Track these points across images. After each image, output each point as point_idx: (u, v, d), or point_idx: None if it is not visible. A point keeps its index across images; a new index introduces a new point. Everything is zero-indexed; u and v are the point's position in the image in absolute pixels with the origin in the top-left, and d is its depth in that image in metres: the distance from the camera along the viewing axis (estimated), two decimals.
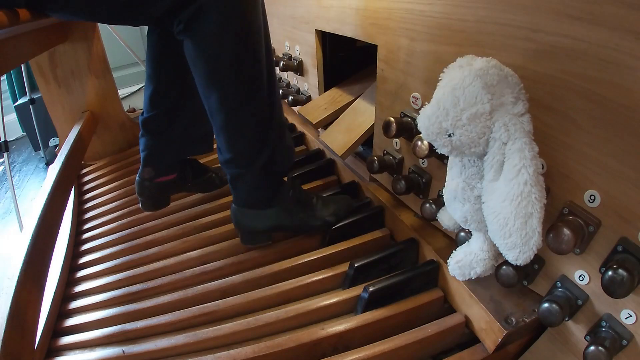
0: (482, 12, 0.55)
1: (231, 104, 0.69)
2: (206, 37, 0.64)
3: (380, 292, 0.67)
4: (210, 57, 0.65)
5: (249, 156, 0.74)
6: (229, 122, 0.71)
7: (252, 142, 0.73)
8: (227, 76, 0.67)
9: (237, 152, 0.74)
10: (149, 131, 0.90)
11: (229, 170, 0.77)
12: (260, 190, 0.79)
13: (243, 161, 0.75)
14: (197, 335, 0.68)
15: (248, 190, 0.78)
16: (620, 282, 0.43)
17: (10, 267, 0.70)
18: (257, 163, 0.75)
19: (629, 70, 0.41)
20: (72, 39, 1.33)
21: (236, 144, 0.73)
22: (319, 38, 1.04)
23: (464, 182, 0.54)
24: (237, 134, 0.73)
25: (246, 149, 0.74)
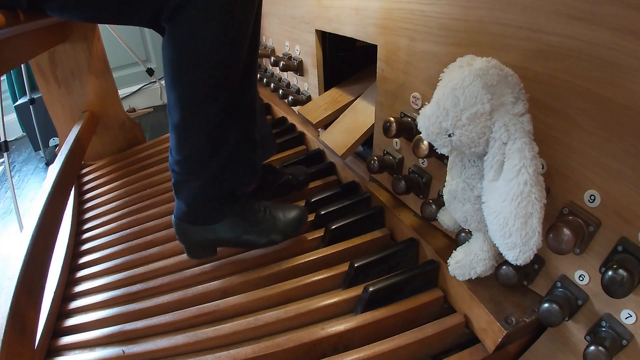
0: (482, 12, 0.55)
1: (191, 103, 0.64)
2: (183, 28, 0.59)
3: (380, 292, 0.67)
4: (182, 51, 0.61)
5: (198, 161, 0.69)
6: (181, 123, 0.66)
7: (200, 151, 0.68)
8: (192, 72, 0.62)
9: (186, 155, 0.69)
10: None
11: (174, 174, 0.72)
12: (204, 203, 0.73)
13: (191, 165, 0.70)
14: (197, 335, 0.68)
15: (189, 199, 0.73)
16: (620, 282, 0.43)
17: (10, 267, 0.70)
18: (205, 170, 0.69)
19: (629, 70, 0.41)
20: (72, 39, 1.33)
21: (184, 148, 0.68)
22: (319, 38, 1.04)
23: (464, 182, 0.54)
24: (187, 139, 0.67)
25: (193, 156, 0.69)
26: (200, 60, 0.61)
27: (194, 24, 0.58)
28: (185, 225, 0.75)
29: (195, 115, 0.65)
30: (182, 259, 0.87)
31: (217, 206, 0.74)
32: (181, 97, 0.64)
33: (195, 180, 0.71)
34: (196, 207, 0.73)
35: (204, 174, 0.70)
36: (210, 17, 0.58)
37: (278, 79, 1.38)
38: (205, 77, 0.62)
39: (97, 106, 1.45)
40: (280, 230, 0.79)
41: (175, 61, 0.62)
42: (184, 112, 0.65)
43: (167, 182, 1.19)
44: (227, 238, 0.76)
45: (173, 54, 0.61)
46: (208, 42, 0.60)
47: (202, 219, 0.75)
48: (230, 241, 0.77)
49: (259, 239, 0.78)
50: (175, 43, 0.61)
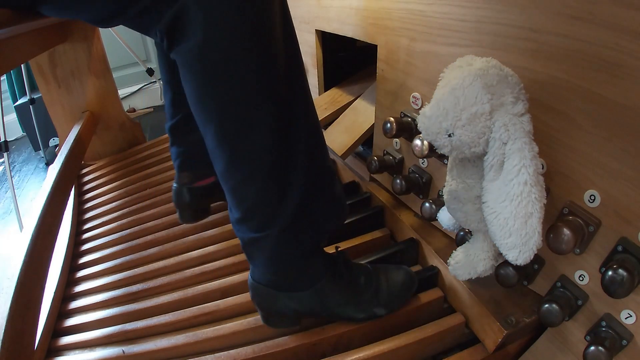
0: (482, 12, 0.55)
1: (232, 141, 0.50)
2: (191, 51, 0.47)
3: None
4: (200, 77, 0.48)
5: (264, 213, 0.54)
6: (231, 165, 0.52)
7: (265, 196, 0.53)
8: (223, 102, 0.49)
9: (246, 209, 0.54)
10: (177, 137, 0.85)
11: (241, 234, 0.57)
12: (282, 264, 0.58)
13: (255, 221, 0.55)
14: (197, 335, 0.68)
15: (267, 262, 0.58)
16: (620, 282, 0.43)
17: (10, 267, 0.70)
18: (276, 223, 0.54)
19: (628, 70, 0.41)
20: (72, 39, 1.32)
21: (244, 198, 0.53)
22: (319, 38, 1.04)
23: (464, 182, 0.54)
24: (244, 184, 0.53)
25: (258, 204, 0.53)
26: (227, 78, 0.48)
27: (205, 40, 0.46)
28: (264, 289, 0.60)
29: (243, 151, 0.51)
30: (182, 259, 0.87)
31: (307, 268, 0.59)
32: (220, 134, 0.50)
33: (268, 236, 0.55)
34: (277, 270, 0.58)
35: (276, 225, 0.54)
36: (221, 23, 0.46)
37: None
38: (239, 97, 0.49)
39: (97, 106, 1.45)
40: (385, 303, 0.63)
41: (200, 91, 0.49)
42: (228, 152, 0.51)
43: (167, 182, 1.20)
44: (317, 309, 0.61)
45: (194, 89, 0.50)
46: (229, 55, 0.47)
47: (286, 284, 0.59)
48: (320, 313, 0.62)
49: (358, 313, 0.62)
50: (190, 70, 0.49)
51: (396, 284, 0.64)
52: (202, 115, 0.51)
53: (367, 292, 0.63)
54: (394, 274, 0.65)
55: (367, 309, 0.63)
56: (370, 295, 0.62)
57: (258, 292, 0.61)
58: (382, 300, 0.63)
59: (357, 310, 0.62)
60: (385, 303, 0.63)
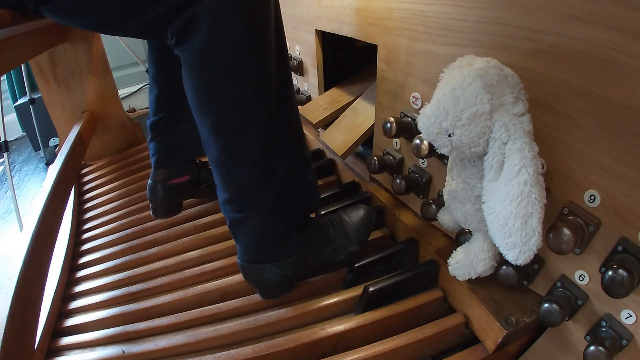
0: (482, 12, 0.55)
1: (227, 133, 0.57)
2: (196, 52, 0.53)
3: (380, 292, 0.67)
4: (201, 76, 0.55)
5: (250, 196, 0.61)
6: (223, 154, 0.59)
7: (252, 181, 0.60)
8: (221, 100, 0.56)
9: (235, 190, 0.61)
10: (157, 134, 0.87)
11: (228, 214, 0.64)
12: (269, 239, 0.64)
13: (243, 202, 0.62)
14: (197, 335, 0.68)
15: (251, 239, 0.65)
16: (620, 282, 0.43)
17: (10, 267, 0.70)
18: (260, 205, 0.61)
19: (629, 70, 0.41)
20: (72, 39, 1.33)
21: (234, 181, 0.61)
22: (319, 38, 1.04)
23: (464, 182, 0.54)
24: (235, 169, 0.60)
25: (246, 187, 0.61)
26: (226, 78, 0.54)
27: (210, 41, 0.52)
28: (255, 266, 0.67)
29: (235, 142, 0.58)
30: (182, 259, 0.87)
31: (286, 239, 0.66)
32: (215, 128, 0.57)
33: (252, 218, 0.62)
34: (261, 246, 0.65)
35: (260, 208, 0.62)
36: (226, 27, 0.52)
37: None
38: (236, 95, 0.56)
39: (97, 106, 1.45)
40: (355, 239, 0.72)
41: (200, 87, 0.55)
42: (221, 144, 0.58)
43: None
44: (303, 269, 0.69)
45: (195, 82, 0.55)
46: (231, 56, 0.53)
47: (272, 255, 0.66)
48: (308, 270, 0.70)
49: (337, 256, 0.71)
50: (194, 68, 0.55)
51: (359, 221, 0.74)
52: (200, 108, 0.57)
53: (338, 237, 0.71)
54: (352, 212, 0.75)
55: (344, 251, 0.71)
56: (340, 240, 0.71)
57: (247, 270, 0.68)
58: (352, 239, 0.72)
59: (337, 255, 0.71)
60: (356, 239, 0.72)
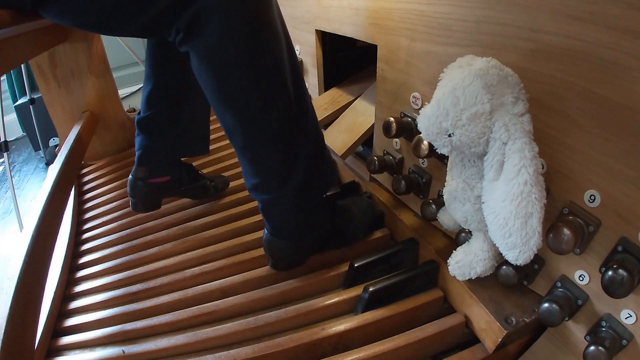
0: (482, 12, 0.55)
1: (250, 120, 0.60)
2: (210, 47, 0.55)
3: (380, 292, 0.67)
4: (218, 69, 0.57)
5: (280, 178, 0.65)
6: (250, 141, 0.62)
7: (282, 161, 0.64)
8: (241, 89, 0.58)
9: (265, 175, 0.65)
10: (144, 131, 0.87)
11: (260, 197, 0.69)
12: (297, 216, 0.70)
13: (273, 184, 0.66)
14: (197, 335, 0.68)
15: (283, 217, 0.70)
16: (620, 282, 0.43)
17: (10, 267, 0.70)
18: (290, 184, 0.66)
19: (629, 70, 0.41)
20: (72, 39, 1.32)
21: (263, 166, 0.65)
22: (319, 38, 1.04)
23: (464, 182, 0.54)
24: (262, 154, 0.64)
25: (275, 170, 0.65)
26: (242, 70, 0.57)
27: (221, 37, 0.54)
28: (279, 241, 0.73)
29: (258, 130, 0.62)
30: (182, 258, 0.87)
31: (311, 217, 0.72)
32: (237, 119, 0.61)
33: (283, 198, 0.67)
34: (290, 222, 0.71)
35: (290, 187, 0.66)
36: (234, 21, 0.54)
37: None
38: (254, 85, 0.58)
39: (97, 106, 1.45)
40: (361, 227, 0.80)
41: (217, 81, 0.58)
42: (246, 131, 0.62)
43: None
44: (321, 245, 0.77)
45: (211, 77, 0.58)
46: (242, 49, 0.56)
47: (297, 232, 0.72)
48: (323, 248, 0.78)
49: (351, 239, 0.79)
50: (208, 64, 0.57)
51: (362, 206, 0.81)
52: (220, 101, 0.60)
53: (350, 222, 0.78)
54: (357, 201, 0.82)
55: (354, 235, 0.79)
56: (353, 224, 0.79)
57: (272, 243, 0.73)
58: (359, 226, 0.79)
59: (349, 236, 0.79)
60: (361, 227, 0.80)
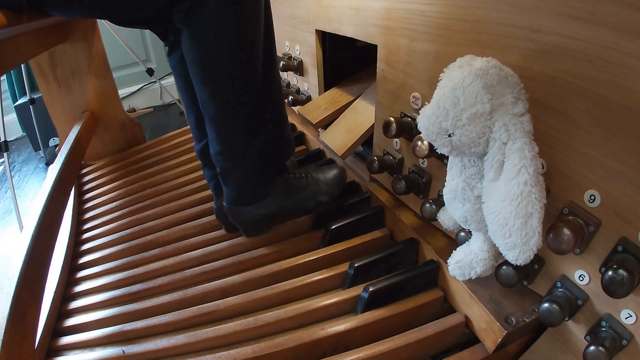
0: (482, 12, 0.55)
1: (223, 98, 0.69)
2: (202, 29, 0.63)
3: (380, 292, 0.67)
4: (205, 50, 0.65)
5: (240, 148, 0.74)
6: (219, 114, 0.70)
7: (243, 134, 0.73)
8: (221, 70, 0.66)
9: (227, 144, 0.73)
10: (208, 160, 0.83)
11: (219, 164, 0.77)
12: (251, 184, 0.79)
13: (234, 153, 0.74)
14: (197, 335, 0.68)
15: (238, 184, 0.78)
16: (620, 282, 0.43)
17: (10, 267, 0.70)
18: (247, 155, 0.75)
19: (629, 70, 0.41)
20: (72, 39, 1.32)
21: (226, 136, 0.73)
22: (319, 38, 1.04)
23: (464, 182, 0.54)
24: (228, 126, 0.72)
25: (236, 141, 0.73)
26: (227, 56, 0.65)
27: (212, 23, 0.62)
28: (239, 208, 0.81)
29: (231, 108, 0.70)
30: (182, 259, 0.87)
31: (265, 183, 0.80)
32: (214, 93, 0.68)
33: (240, 165, 0.75)
34: (245, 189, 0.79)
35: (247, 157, 0.75)
36: (225, 13, 0.61)
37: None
38: (235, 70, 0.66)
39: (97, 106, 1.45)
40: (325, 191, 0.84)
41: (203, 61, 0.66)
42: (219, 106, 0.69)
43: (167, 182, 1.20)
44: (278, 210, 0.83)
45: (199, 55, 0.65)
46: (230, 37, 0.64)
47: (253, 198, 0.80)
48: (281, 212, 0.84)
49: (308, 203, 0.84)
50: (198, 44, 0.64)
51: (331, 176, 0.86)
52: (201, 77, 0.67)
53: (309, 186, 0.84)
54: (326, 170, 0.87)
55: (314, 199, 0.84)
56: (312, 189, 0.84)
57: (233, 212, 0.82)
58: (323, 190, 0.84)
59: (308, 201, 0.84)
60: (326, 191, 0.85)
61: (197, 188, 1.12)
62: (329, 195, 0.85)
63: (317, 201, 0.84)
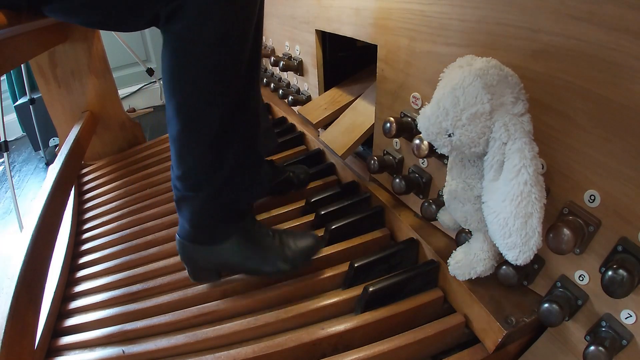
0: (482, 12, 0.55)
1: (188, 114, 0.61)
2: (178, 37, 0.57)
3: (380, 292, 0.67)
4: (179, 59, 0.58)
5: (198, 177, 0.65)
6: (182, 133, 0.62)
7: (202, 164, 0.64)
8: (191, 84, 0.59)
9: (186, 169, 0.65)
10: None
11: (175, 191, 0.68)
12: (204, 222, 0.69)
13: (189, 182, 0.66)
14: (197, 335, 0.68)
15: (191, 218, 0.69)
16: (620, 282, 0.43)
17: (10, 267, 0.70)
18: (204, 189, 0.66)
19: (629, 70, 0.41)
20: (72, 39, 1.33)
21: (185, 161, 0.65)
22: (319, 38, 1.04)
23: (464, 182, 0.54)
24: (188, 150, 0.64)
25: (196, 168, 0.65)
26: (198, 65, 0.58)
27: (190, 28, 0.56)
28: (189, 245, 0.71)
29: (195, 125, 0.62)
30: None
31: (221, 225, 0.70)
32: (180, 106, 0.61)
33: (197, 196, 0.67)
34: (199, 226, 0.69)
35: (206, 189, 0.66)
36: (207, 20, 0.55)
37: (278, 79, 1.38)
38: (204, 82, 0.59)
39: (97, 106, 1.45)
40: (290, 259, 0.72)
41: (174, 68, 0.59)
42: (183, 122, 0.62)
43: (167, 182, 1.19)
44: (231, 261, 0.72)
45: (170, 61, 0.59)
46: (206, 46, 0.57)
47: (205, 238, 0.70)
48: (234, 265, 0.73)
49: (265, 265, 0.72)
50: (172, 49, 0.58)
51: (302, 243, 0.74)
52: (170, 87, 0.60)
53: (274, 248, 0.72)
54: (299, 235, 0.76)
55: (273, 263, 0.72)
56: (276, 251, 0.72)
57: (183, 248, 0.72)
58: (287, 257, 0.72)
59: (265, 263, 0.72)
60: (290, 259, 0.72)
61: None
62: (292, 264, 0.72)
63: (276, 267, 0.72)
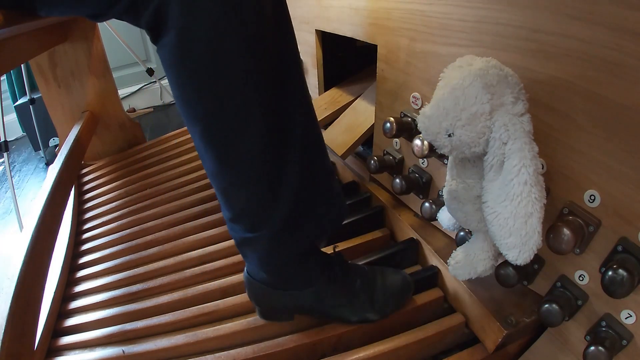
0: (482, 12, 0.55)
1: (219, 141, 0.48)
2: (170, 49, 0.44)
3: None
4: (179, 77, 0.45)
5: (257, 215, 0.52)
6: (219, 166, 0.49)
7: (257, 195, 0.51)
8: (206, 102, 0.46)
9: (239, 210, 0.53)
10: None
11: (233, 235, 0.57)
12: (279, 265, 0.57)
13: (248, 222, 0.53)
14: (197, 335, 0.68)
15: (262, 262, 0.57)
16: (620, 282, 0.43)
17: (10, 267, 0.70)
18: (269, 223, 0.52)
19: (629, 70, 0.41)
20: (72, 39, 1.32)
21: (235, 199, 0.52)
22: (319, 38, 1.04)
23: (464, 182, 0.54)
24: (234, 185, 0.51)
25: (251, 205, 0.52)
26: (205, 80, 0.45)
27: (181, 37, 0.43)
28: (260, 286, 0.60)
29: (230, 155, 0.48)
30: (182, 258, 0.87)
31: (301, 270, 0.58)
32: (205, 136, 0.47)
33: (260, 238, 0.54)
34: (271, 270, 0.58)
35: (268, 228, 0.53)
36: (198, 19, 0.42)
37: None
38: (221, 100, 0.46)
39: (97, 106, 1.45)
40: (379, 308, 0.62)
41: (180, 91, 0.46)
42: (215, 155, 0.48)
43: (167, 182, 1.20)
44: (311, 308, 0.61)
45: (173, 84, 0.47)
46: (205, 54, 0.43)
47: (282, 284, 0.59)
48: (314, 312, 0.63)
49: (351, 316, 0.62)
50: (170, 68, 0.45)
51: (392, 289, 0.64)
52: (186, 114, 0.48)
53: (362, 296, 0.62)
54: (390, 277, 0.65)
55: (361, 313, 0.62)
56: (364, 300, 0.62)
57: (253, 287, 0.61)
58: (376, 306, 0.63)
59: (351, 313, 0.62)
60: (379, 308, 0.63)
61: (197, 188, 1.12)
62: (382, 314, 0.62)
63: (364, 317, 0.62)
